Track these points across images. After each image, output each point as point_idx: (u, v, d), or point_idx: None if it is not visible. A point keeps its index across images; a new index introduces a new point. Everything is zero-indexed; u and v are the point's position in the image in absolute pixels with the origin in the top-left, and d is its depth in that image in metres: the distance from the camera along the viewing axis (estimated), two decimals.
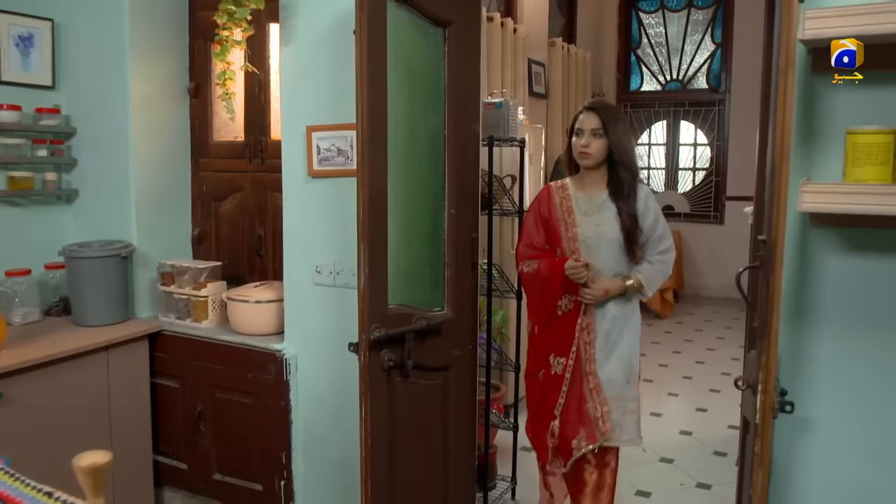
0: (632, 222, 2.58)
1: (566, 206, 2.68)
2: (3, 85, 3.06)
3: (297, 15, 2.61)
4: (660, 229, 2.66)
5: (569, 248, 2.62)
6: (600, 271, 2.59)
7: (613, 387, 2.60)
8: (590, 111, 2.62)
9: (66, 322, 3.07)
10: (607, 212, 2.60)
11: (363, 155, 2.14)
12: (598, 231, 2.60)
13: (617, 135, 2.58)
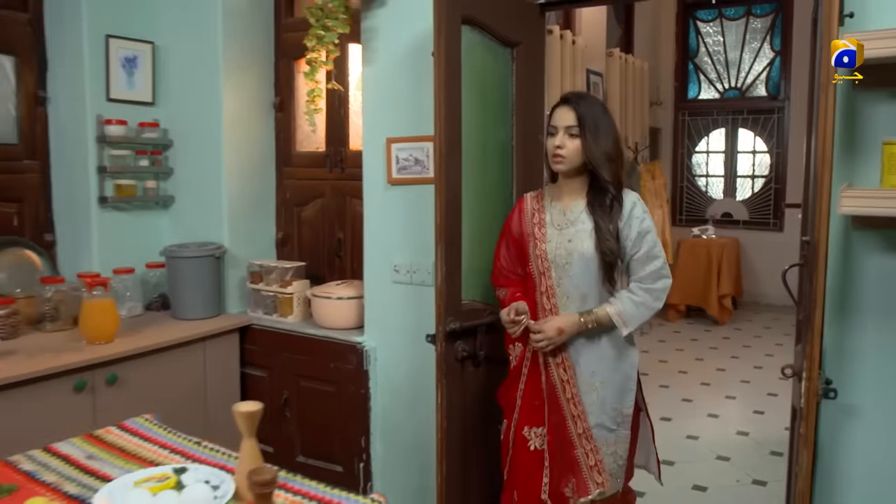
0: (612, 240, 2.20)
1: (538, 218, 2.34)
2: (111, 102, 3.39)
3: (377, 38, 2.87)
4: (645, 247, 2.23)
5: (537, 269, 2.30)
6: (571, 297, 2.26)
7: (606, 436, 2.28)
8: (565, 105, 2.24)
9: (165, 316, 3.39)
10: (582, 225, 2.25)
11: (440, 165, 2.37)
12: (570, 247, 2.24)
13: (595, 134, 2.20)
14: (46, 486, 1.27)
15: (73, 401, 2.70)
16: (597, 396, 2.27)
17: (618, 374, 2.28)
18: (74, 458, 1.41)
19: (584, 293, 2.25)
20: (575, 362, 2.28)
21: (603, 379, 2.27)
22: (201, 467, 1.27)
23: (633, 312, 2.22)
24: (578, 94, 2.29)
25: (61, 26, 3.33)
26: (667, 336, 6.81)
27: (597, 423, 2.27)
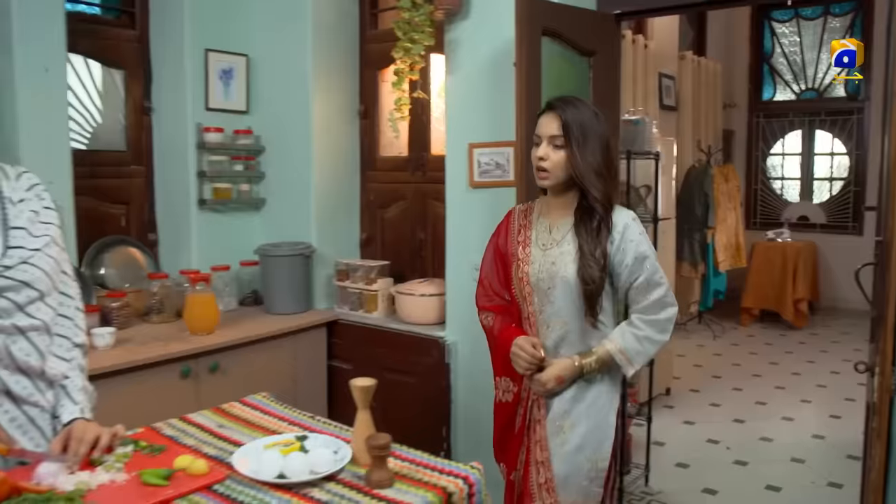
0: (596, 267, 1.92)
1: (523, 236, 2.10)
2: (209, 111, 3.65)
3: (460, 49, 3.03)
4: (645, 274, 1.96)
5: (519, 292, 2.06)
6: (552, 326, 2.00)
7: (570, 490, 1.99)
8: (549, 112, 2.00)
9: (258, 311, 3.62)
10: (568, 246, 1.99)
11: (521, 168, 2.52)
12: (553, 270, 1.99)
13: (583, 145, 1.93)
14: (188, 448, 1.46)
15: (179, 385, 2.94)
16: (562, 440, 1.99)
17: (593, 418, 1.99)
18: (207, 426, 1.61)
19: (565, 322, 1.99)
20: (547, 400, 2.03)
21: (574, 421, 1.99)
22: (319, 436, 1.44)
23: (637, 349, 1.96)
24: (565, 100, 2.01)
25: (165, 42, 3.61)
26: (740, 340, 6.76)
27: (562, 474, 1.98)
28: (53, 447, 1.39)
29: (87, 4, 3.53)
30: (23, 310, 1.41)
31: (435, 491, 1.28)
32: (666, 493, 3.62)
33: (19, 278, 1.41)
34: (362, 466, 1.35)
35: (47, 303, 1.46)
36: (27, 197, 1.51)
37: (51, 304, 1.47)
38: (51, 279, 1.48)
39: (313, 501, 1.24)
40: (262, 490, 1.28)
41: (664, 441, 4.23)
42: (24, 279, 1.41)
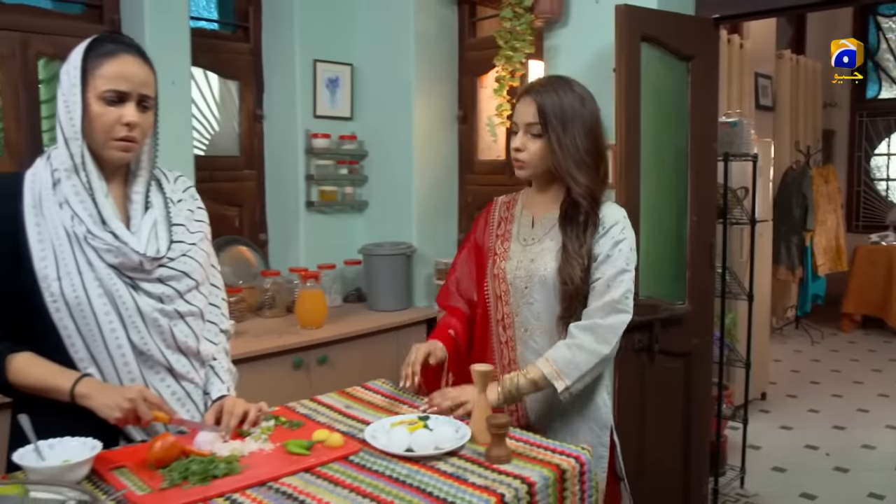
0: (578, 267, 1.75)
1: (504, 229, 1.94)
2: (317, 118, 3.87)
3: (559, 55, 3.13)
4: (609, 272, 1.76)
5: (493, 291, 1.89)
6: (531, 330, 1.84)
7: None
8: (526, 96, 1.82)
9: (361, 307, 3.81)
10: (550, 242, 1.83)
11: (621, 172, 2.59)
12: (532, 268, 1.83)
13: (562, 133, 1.75)
14: (322, 424, 1.62)
15: (292, 376, 3.15)
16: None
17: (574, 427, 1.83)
18: (336, 406, 1.77)
19: (545, 326, 1.82)
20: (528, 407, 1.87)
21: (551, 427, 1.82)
22: (440, 416, 1.58)
23: (566, 358, 1.70)
24: (545, 82, 1.85)
25: (277, 54, 3.85)
26: (840, 346, 6.57)
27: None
28: (207, 418, 1.57)
29: (207, 21, 3.80)
30: (182, 297, 1.59)
31: (550, 467, 1.39)
32: (762, 496, 3.61)
33: (180, 269, 1.59)
34: (481, 445, 1.47)
35: (201, 291, 1.65)
36: (184, 197, 1.70)
37: (204, 292, 1.66)
38: (204, 270, 1.67)
39: (439, 473, 1.37)
40: (392, 461, 1.42)
41: (760, 445, 4.20)
42: (184, 269, 1.60)
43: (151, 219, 1.59)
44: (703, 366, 2.98)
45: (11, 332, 1.51)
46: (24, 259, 1.48)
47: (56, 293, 1.47)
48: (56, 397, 1.46)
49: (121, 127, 1.49)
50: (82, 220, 1.48)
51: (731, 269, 3.55)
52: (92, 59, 1.48)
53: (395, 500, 1.25)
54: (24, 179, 1.53)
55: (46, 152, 1.57)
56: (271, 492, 1.29)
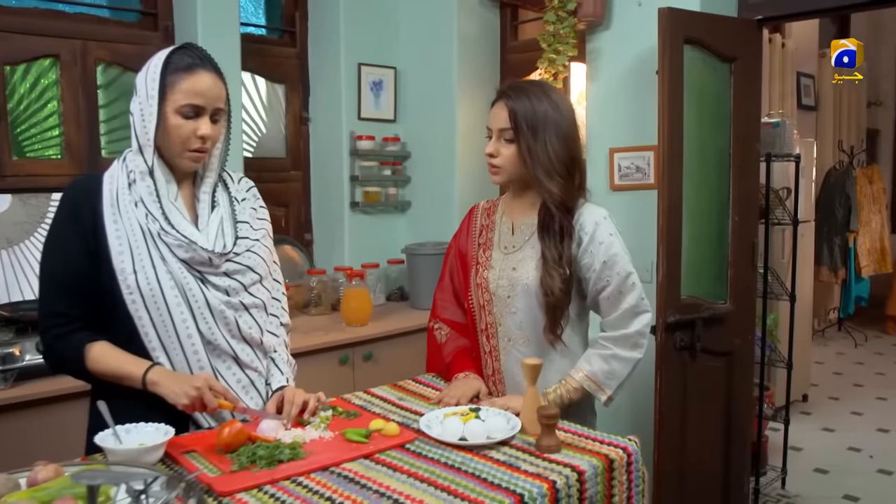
0: (557, 277, 1.74)
1: (486, 237, 1.93)
2: (361, 120, 3.96)
3: (602, 58, 3.18)
4: (615, 281, 1.76)
5: (477, 300, 1.89)
6: (514, 340, 1.85)
7: None
8: (499, 100, 1.80)
9: (404, 305, 3.89)
10: (531, 249, 1.82)
11: (663, 172, 2.63)
12: (514, 277, 1.82)
13: (533, 139, 1.73)
14: (377, 414, 1.70)
15: (338, 371, 3.24)
16: None
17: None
18: (389, 398, 1.84)
19: (529, 336, 1.82)
20: None
21: None
22: (490, 408, 1.64)
23: (605, 370, 1.75)
24: (518, 87, 1.82)
25: (322, 58, 3.94)
26: (885, 349, 6.49)
27: None
28: (269, 408, 1.65)
29: (255, 26, 3.91)
30: (247, 290, 1.69)
31: (598, 457, 1.44)
32: (804, 497, 3.61)
33: (245, 263, 1.69)
34: (531, 436, 1.53)
35: (264, 285, 1.75)
36: (247, 197, 1.81)
37: (266, 286, 1.76)
38: (267, 265, 1.76)
39: (492, 461, 1.43)
40: (446, 450, 1.48)
41: (801, 446, 4.19)
42: (248, 264, 1.69)
43: (218, 217, 1.69)
44: (744, 365, 3.00)
45: (90, 323, 1.62)
46: (104, 254, 1.59)
47: (132, 285, 1.57)
48: (129, 384, 1.57)
49: (195, 139, 1.60)
50: (156, 218, 1.59)
51: (772, 270, 3.56)
52: (171, 73, 1.57)
53: (452, 484, 1.32)
54: (102, 180, 1.64)
55: (122, 154, 1.68)
56: (334, 476, 1.37)
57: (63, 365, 1.64)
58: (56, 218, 1.64)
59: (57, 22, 3.13)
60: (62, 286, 1.60)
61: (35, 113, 3.12)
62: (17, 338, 2.52)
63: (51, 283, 1.61)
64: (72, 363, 1.61)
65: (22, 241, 3.09)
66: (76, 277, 1.59)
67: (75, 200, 1.62)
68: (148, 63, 1.62)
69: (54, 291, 1.61)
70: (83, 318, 1.61)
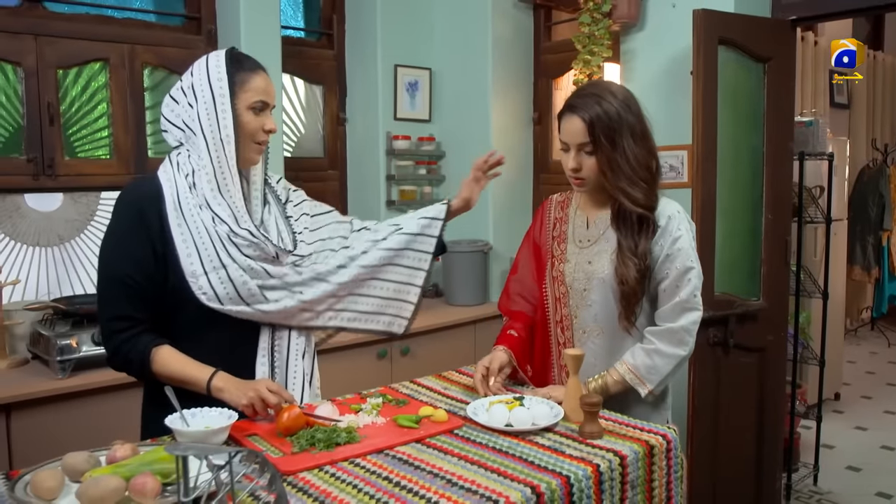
0: (633, 268, 1.76)
1: (560, 230, 1.95)
2: (397, 121, 4.04)
3: (636, 58, 3.23)
4: (673, 273, 1.78)
5: (553, 293, 1.92)
6: (589, 332, 1.86)
7: None
8: (571, 113, 1.79)
9: (439, 302, 3.97)
10: (606, 243, 1.84)
11: (697, 171, 2.68)
12: (590, 270, 1.85)
13: (612, 150, 1.75)
14: (424, 402, 1.78)
15: (376, 365, 3.33)
16: None
17: None
18: (435, 388, 1.92)
19: (603, 328, 1.85)
20: None
21: None
22: (533, 398, 1.71)
23: (647, 364, 1.76)
24: (586, 94, 1.80)
25: (359, 59, 4.04)
26: None
27: None
28: None
29: (294, 29, 4.01)
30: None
31: (640, 443, 1.50)
32: (836, 494, 3.63)
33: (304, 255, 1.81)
34: (574, 423, 1.60)
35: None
36: (280, 189, 1.91)
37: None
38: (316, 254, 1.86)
39: (538, 445, 1.50)
40: (494, 435, 1.56)
41: (834, 444, 4.20)
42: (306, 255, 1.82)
43: (272, 215, 1.80)
44: (776, 362, 3.04)
45: (154, 326, 1.69)
46: (171, 257, 1.66)
47: (205, 286, 1.66)
48: (192, 389, 1.64)
49: (262, 133, 1.71)
50: (223, 220, 1.66)
51: (805, 268, 3.58)
52: (237, 73, 1.68)
53: (501, 466, 1.39)
54: (161, 183, 1.69)
55: (169, 158, 1.73)
56: (388, 458, 1.45)
57: (129, 368, 1.70)
58: (118, 221, 1.68)
59: (106, 27, 3.25)
60: (128, 290, 1.64)
61: (86, 115, 3.24)
62: (74, 330, 2.64)
63: (115, 287, 1.65)
64: (138, 366, 1.67)
65: (73, 238, 3.22)
66: (143, 281, 1.64)
67: (140, 204, 1.66)
68: (197, 68, 1.70)
69: (119, 295, 1.65)
70: (148, 320, 1.67)
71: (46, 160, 3.03)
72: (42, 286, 3.13)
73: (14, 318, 2.75)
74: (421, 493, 1.28)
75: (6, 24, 2.94)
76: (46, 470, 1.31)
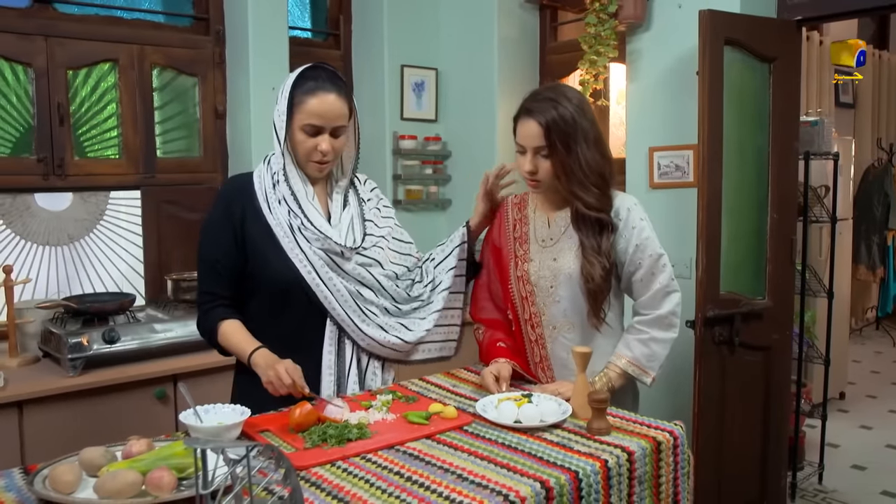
0: (598, 265, 1.81)
1: (521, 231, 1.97)
2: (404, 121, 4.06)
3: (642, 59, 3.25)
4: (647, 263, 1.85)
5: (518, 293, 1.94)
6: (559, 327, 1.91)
7: None
8: (527, 117, 1.83)
9: None
10: (570, 240, 1.89)
11: (703, 171, 2.70)
12: (556, 267, 1.89)
13: (567, 153, 1.79)
14: (433, 399, 1.80)
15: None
16: None
17: None
18: (444, 385, 1.95)
19: (574, 323, 1.90)
20: None
21: None
22: (541, 394, 1.73)
23: (646, 353, 1.85)
24: (542, 98, 1.84)
25: (366, 59, 4.06)
26: None
27: None
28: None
29: (301, 29, 4.04)
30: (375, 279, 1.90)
31: (647, 439, 1.52)
32: (841, 493, 3.64)
33: (372, 256, 1.91)
34: (582, 420, 1.62)
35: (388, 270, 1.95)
36: (371, 196, 2.04)
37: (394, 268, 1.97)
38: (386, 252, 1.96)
39: (547, 441, 1.52)
40: (503, 432, 1.58)
41: (839, 443, 4.20)
42: (375, 257, 1.92)
43: (349, 215, 1.91)
44: (782, 360, 3.05)
45: (234, 302, 1.88)
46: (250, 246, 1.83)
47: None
48: (241, 360, 1.82)
49: (316, 153, 1.82)
50: (297, 214, 1.82)
51: (810, 267, 3.59)
52: (298, 94, 1.78)
53: (511, 462, 1.41)
54: (253, 179, 1.88)
55: (266, 157, 1.91)
56: (399, 453, 1.47)
57: (206, 335, 1.91)
58: (212, 210, 1.90)
59: (116, 28, 3.28)
60: (214, 270, 1.86)
61: (95, 115, 3.27)
62: (85, 328, 2.67)
63: (206, 267, 1.88)
64: (209, 335, 1.89)
65: (83, 237, 3.25)
66: (226, 263, 1.84)
67: (228, 197, 1.88)
68: (287, 77, 1.82)
69: (208, 274, 1.88)
70: (229, 297, 1.87)
71: (56, 160, 3.06)
72: (52, 285, 3.16)
73: (25, 316, 2.78)
74: (432, 487, 1.30)
75: (17, 26, 2.97)
76: (64, 464, 1.34)
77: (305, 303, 1.83)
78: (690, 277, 2.88)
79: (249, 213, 1.85)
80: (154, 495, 1.23)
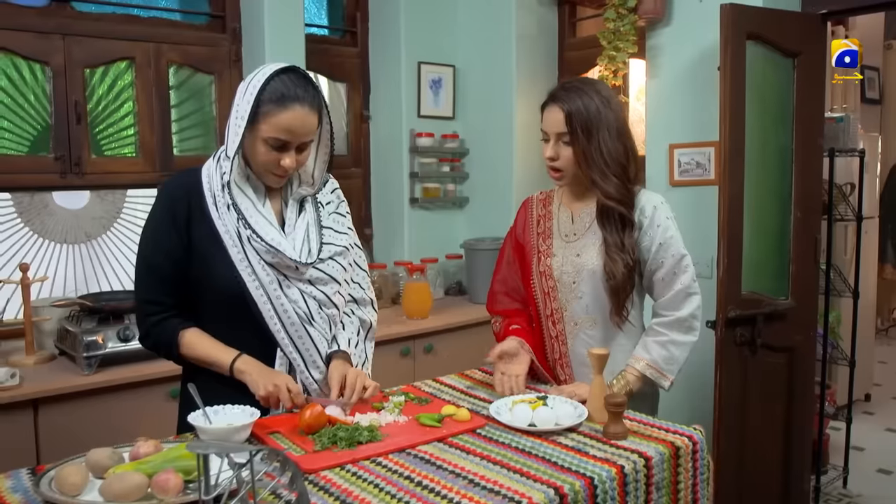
0: (620, 262, 1.80)
1: (544, 227, 1.98)
2: (421, 118, 4.03)
3: (662, 55, 3.19)
4: (669, 262, 1.83)
5: (540, 288, 1.93)
6: (581, 324, 1.90)
7: None
8: (552, 103, 1.84)
9: (462, 300, 3.96)
10: (593, 236, 1.87)
11: (725, 168, 2.64)
12: (579, 263, 1.88)
13: (588, 142, 1.78)
14: (446, 401, 1.77)
15: (400, 363, 3.33)
16: None
17: None
18: (458, 387, 1.92)
19: (596, 319, 1.88)
20: None
21: None
22: (557, 397, 1.70)
23: (665, 356, 1.81)
24: (570, 87, 1.85)
25: (382, 57, 4.03)
26: None
27: None
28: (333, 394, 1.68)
29: (318, 27, 4.02)
30: (329, 298, 1.76)
31: (665, 444, 1.48)
32: (866, 497, 3.56)
33: (328, 272, 1.75)
34: (598, 423, 1.58)
35: (340, 293, 1.81)
36: (332, 199, 1.88)
37: (342, 293, 1.82)
38: (346, 272, 1.82)
39: (561, 446, 1.48)
40: (516, 435, 1.55)
41: (864, 446, 4.12)
42: (331, 273, 1.76)
43: (304, 223, 1.75)
44: (805, 362, 2.98)
45: (183, 311, 1.73)
46: (196, 248, 1.69)
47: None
48: (217, 370, 1.68)
49: (278, 167, 1.66)
50: (248, 223, 1.66)
51: (835, 266, 3.52)
52: (265, 101, 1.60)
53: (524, 467, 1.38)
54: (201, 177, 1.71)
55: (216, 153, 1.74)
56: (410, 457, 1.44)
57: (159, 349, 1.74)
58: (154, 209, 1.73)
59: (132, 26, 3.27)
60: (158, 275, 1.70)
61: (112, 113, 3.27)
62: (100, 326, 2.67)
63: (147, 272, 1.72)
64: (166, 348, 1.72)
65: (100, 235, 3.26)
66: (171, 267, 1.69)
67: (173, 196, 1.71)
68: (251, 77, 1.65)
69: (151, 279, 1.71)
70: (177, 306, 1.72)
71: (73, 158, 3.06)
72: (69, 283, 3.17)
73: (42, 314, 2.78)
74: (443, 493, 1.27)
75: (34, 24, 2.97)
76: (71, 465, 1.32)
77: (251, 317, 1.68)
78: (711, 277, 2.82)
79: (196, 214, 1.68)
80: (159, 498, 1.21)
